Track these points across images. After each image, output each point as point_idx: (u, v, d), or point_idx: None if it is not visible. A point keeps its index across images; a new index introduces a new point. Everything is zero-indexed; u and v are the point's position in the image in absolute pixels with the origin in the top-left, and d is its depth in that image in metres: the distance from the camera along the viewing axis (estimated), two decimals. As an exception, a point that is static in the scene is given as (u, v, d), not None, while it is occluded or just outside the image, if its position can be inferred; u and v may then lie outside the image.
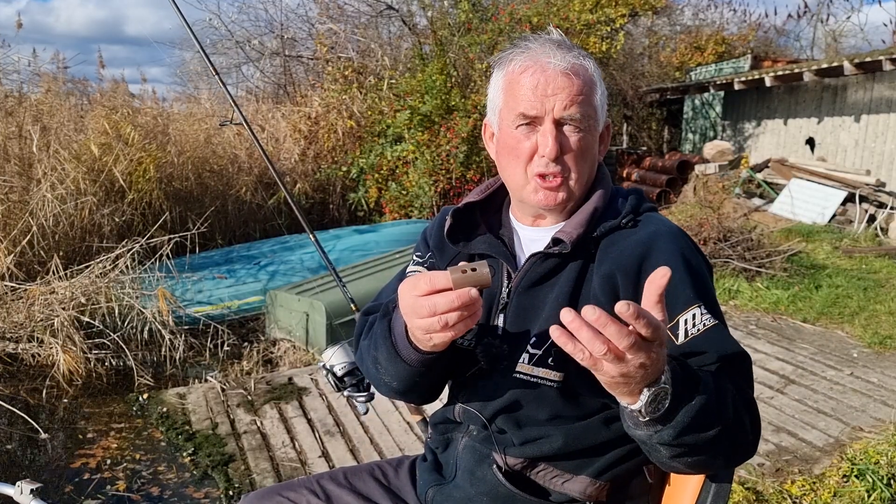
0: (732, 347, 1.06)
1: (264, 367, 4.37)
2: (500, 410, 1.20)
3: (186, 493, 2.94)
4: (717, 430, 0.92)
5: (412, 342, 1.08)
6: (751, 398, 1.03)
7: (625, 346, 0.79)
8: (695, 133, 13.38)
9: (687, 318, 1.06)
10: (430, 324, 0.96)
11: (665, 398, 0.87)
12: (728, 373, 1.01)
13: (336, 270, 2.57)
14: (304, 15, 12.69)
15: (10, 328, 4.23)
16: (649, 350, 0.81)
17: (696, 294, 1.08)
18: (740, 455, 1.00)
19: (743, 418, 0.98)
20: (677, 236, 1.17)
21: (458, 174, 8.29)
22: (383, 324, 1.16)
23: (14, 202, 5.13)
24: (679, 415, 0.89)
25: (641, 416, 0.88)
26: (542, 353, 1.15)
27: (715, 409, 0.93)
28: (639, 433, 0.93)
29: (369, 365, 1.23)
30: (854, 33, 18.09)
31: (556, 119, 1.13)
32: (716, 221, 6.83)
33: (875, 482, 2.77)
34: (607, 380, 0.84)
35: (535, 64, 1.14)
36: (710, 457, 0.96)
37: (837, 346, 4.66)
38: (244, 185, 7.68)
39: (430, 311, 0.95)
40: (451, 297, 0.93)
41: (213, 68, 2.99)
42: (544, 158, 1.14)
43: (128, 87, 9.12)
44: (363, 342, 1.29)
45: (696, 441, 0.92)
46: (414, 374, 1.14)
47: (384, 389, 1.25)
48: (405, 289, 1.00)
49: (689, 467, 0.99)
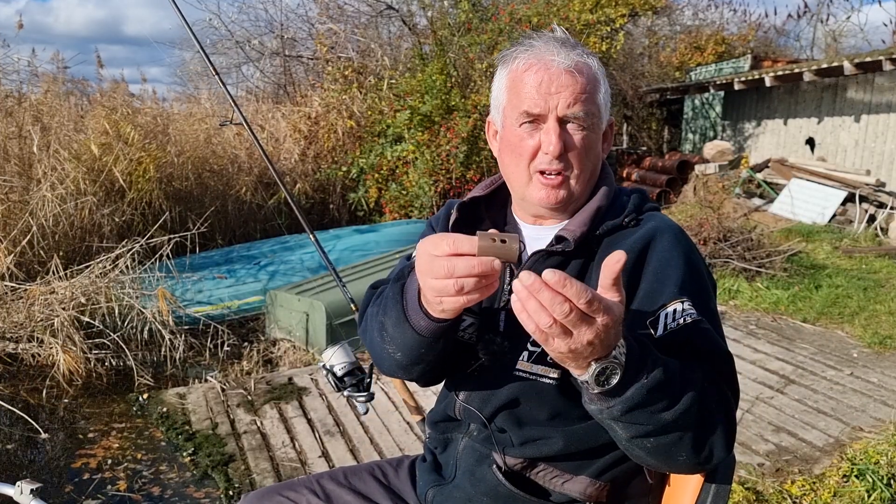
0: (712, 345, 1.05)
1: (264, 367, 4.38)
2: (500, 408, 1.19)
3: (187, 493, 2.94)
4: (675, 414, 0.91)
5: (423, 307, 1.05)
6: (726, 397, 1.01)
7: (559, 314, 0.79)
8: (695, 133, 13.38)
9: (668, 312, 1.07)
10: (445, 286, 0.91)
11: (614, 373, 0.88)
12: (703, 368, 1.00)
13: (336, 270, 2.57)
14: (304, 15, 12.70)
15: (10, 328, 4.23)
16: (592, 324, 0.81)
17: (682, 290, 1.08)
18: (707, 451, 0.97)
19: (711, 411, 0.96)
20: (677, 233, 1.18)
21: (458, 174, 8.29)
22: (396, 286, 1.13)
23: (14, 202, 5.13)
24: (630, 390, 0.89)
25: (590, 388, 0.89)
26: (540, 350, 1.15)
27: (675, 393, 0.92)
28: (592, 407, 0.93)
29: (374, 334, 1.20)
30: (854, 33, 18.10)
31: (559, 117, 1.14)
32: (716, 221, 6.83)
33: (875, 482, 2.78)
34: (556, 355, 0.85)
35: (539, 62, 1.14)
36: (670, 445, 0.94)
37: (837, 346, 4.66)
38: (244, 185, 7.68)
39: (447, 272, 0.90)
40: (473, 262, 0.88)
41: (213, 68, 2.99)
42: (547, 156, 1.14)
43: (128, 87, 9.13)
44: (370, 309, 1.27)
45: (649, 422, 0.91)
46: (419, 345, 1.11)
47: (387, 363, 1.21)
48: (425, 246, 0.95)
49: (650, 455, 0.97)
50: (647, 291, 1.11)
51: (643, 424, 0.92)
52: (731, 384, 1.04)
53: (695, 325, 1.05)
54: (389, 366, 1.22)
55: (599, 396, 0.91)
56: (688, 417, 0.93)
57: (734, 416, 1.02)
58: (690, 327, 1.05)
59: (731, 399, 1.02)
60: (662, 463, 0.99)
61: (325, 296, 4.44)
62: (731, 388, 1.03)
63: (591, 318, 0.81)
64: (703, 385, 0.96)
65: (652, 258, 1.14)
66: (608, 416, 0.92)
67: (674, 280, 1.10)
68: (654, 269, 1.13)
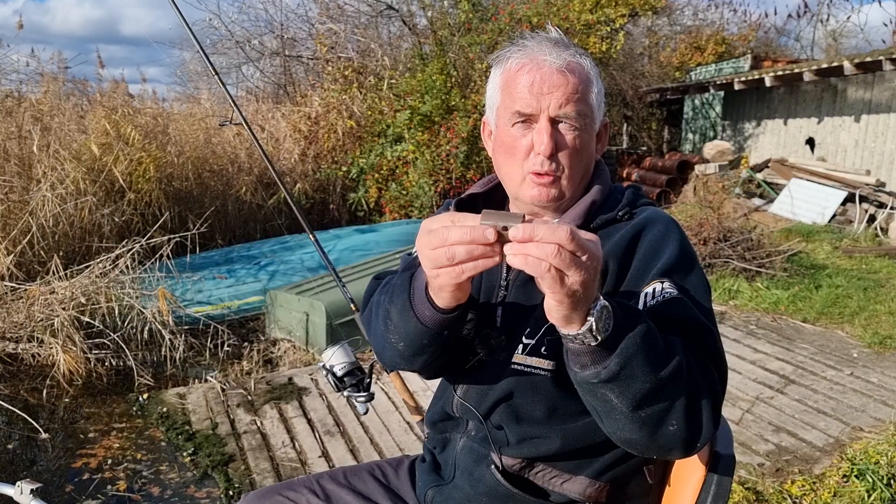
0: (693, 318, 1.04)
1: (264, 367, 4.38)
2: (497, 402, 1.20)
3: (187, 493, 2.94)
4: (667, 372, 0.91)
5: (430, 298, 1.06)
6: (709, 370, 1.00)
7: (560, 238, 0.80)
8: (695, 133, 13.38)
9: (648, 292, 1.07)
10: (438, 255, 0.89)
11: (609, 317, 0.88)
12: (683, 341, 0.99)
13: (336, 270, 2.57)
14: (304, 15, 12.70)
15: (10, 328, 4.23)
16: (581, 265, 0.82)
17: (665, 273, 1.09)
18: (696, 420, 0.96)
19: (698, 383, 0.96)
20: (668, 223, 1.18)
21: (458, 174, 8.29)
22: (405, 276, 1.13)
23: (14, 202, 5.13)
24: (623, 341, 0.89)
25: (593, 338, 0.88)
26: (535, 342, 1.15)
27: (661, 347, 0.92)
28: (587, 373, 0.92)
29: (379, 323, 1.20)
30: (854, 33, 18.08)
31: (551, 117, 1.14)
32: (716, 221, 6.83)
33: (875, 482, 2.78)
34: (559, 298, 0.84)
35: (532, 62, 1.15)
36: (663, 412, 0.94)
37: (837, 346, 4.66)
38: (244, 185, 7.68)
39: (440, 241, 0.89)
40: (465, 229, 0.87)
41: (213, 68, 2.99)
42: (539, 156, 1.14)
43: (128, 88, 9.13)
44: (375, 297, 1.27)
45: (646, 379, 0.90)
46: (423, 335, 1.10)
47: (389, 354, 1.21)
48: (427, 223, 0.94)
49: (642, 427, 0.95)
50: (632, 276, 1.13)
51: (639, 380, 0.90)
52: (716, 360, 1.03)
53: (673, 300, 1.05)
54: (391, 356, 1.21)
55: (595, 355, 0.90)
56: (679, 376, 0.93)
57: (718, 392, 1.00)
58: (668, 302, 1.05)
59: (716, 374, 1.01)
60: (654, 437, 0.96)
61: (325, 296, 4.44)
62: (715, 364, 1.02)
63: (589, 242, 0.83)
64: (685, 354, 0.96)
65: (642, 245, 1.15)
66: (605, 377, 0.90)
67: (658, 265, 1.11)
68: (642, 255, 1.14)
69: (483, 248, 0.86)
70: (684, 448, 0.98)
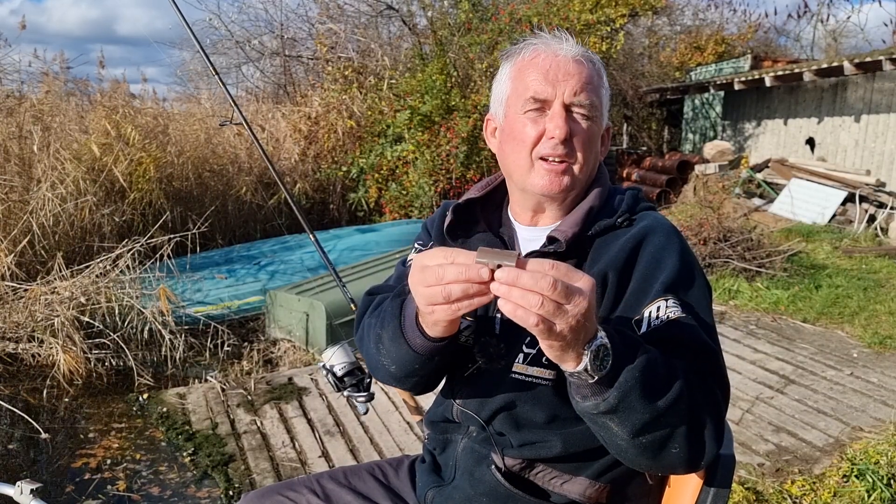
0: (696, 340, 1.04)
1: (264, 367, 4.38)
2: (498, 410, 1.20)
3: (187, 493, 2.95)
4: (667, 401, 0.92)
5: (420, 326, 1.07)
6: (713, 390, 1.00)
7: (543, 287, 0.80)
8: (695, 133, 13.38)
9: (652, 310, 1.07)
10: (434, 293, 0.90)
11: (607, 355, 0.88)
12: (687, 362, 0.99)
13: (336, 270, 2.58)
14: (304, 15, 12.70)
15: (10, 328, 4.23)
16: (567, 314, 0.82)
17: (668, 288, 1.08)
18: (698, 442, 0.96)
19: (699, 404, 0.96)
20: (669, 232, 1.18)
21: (458, 174, 8.29)
22: (395, 302, 1.14)
23: (14, 202, 5.13)
24: (622, 375, 0.90)
25: (589, 376, 0.89)
26: (535, 352, 1.15)
27: (663, 376, 0.92)
28: (587, 405, 0.93)
29: (371, 345, 1.21)
30: (854, 33, 18.08)
31: (565, 104, 1.15)
32: (716, 221, 6.83)
33: (875, 482, 2.78)
34: (556, 343, 0.85)
35: (547, 50, 1.17)
36: (664, 438, 0.94)
37: (837, 346, 4.66)
38: (244, 185, 7.68)
39: (436, 279, 0.89)
40: (461, 268, 0.87)
41: (213, 68, 2.99)
42: (552, 140, 1.14)
43: (128, 88, 9.13)
44: (367, 319, 1.27)
45: (645, 409, 0.91)
46: (414, 361, 1.12)
47: (381, 373, 1.22)
48: (420, 257, 0.94)
49: (644, 452, 0.96)
50: (634, 291, 1.12)
51: (639, 412, 0.91)
52: (719, 380, 1.04)
53: (677, 321, 1.05)
54: (383, 375, 1.23)
55: (595, 388, 0.90)
56: (679, 404, 0.93)
57: (722, 411, 1.01)
58: (673, 323, 1.05)
59: (719, 394, 1.02)
60: (656, 460, 0.98)
61: (325, 296, 4.44)
62: (719, 384, 1.03)
63: (575, 289, 0.83)
64: (688, 377, 0.96)
65: (642, 257, 1.14)
66: (605, 409, 0.91)
67: (661, 279, 1.10)
68: (643, 268, 1.13)
69: (478, 286, 0.87)
70: (687, 468, 1.00)
